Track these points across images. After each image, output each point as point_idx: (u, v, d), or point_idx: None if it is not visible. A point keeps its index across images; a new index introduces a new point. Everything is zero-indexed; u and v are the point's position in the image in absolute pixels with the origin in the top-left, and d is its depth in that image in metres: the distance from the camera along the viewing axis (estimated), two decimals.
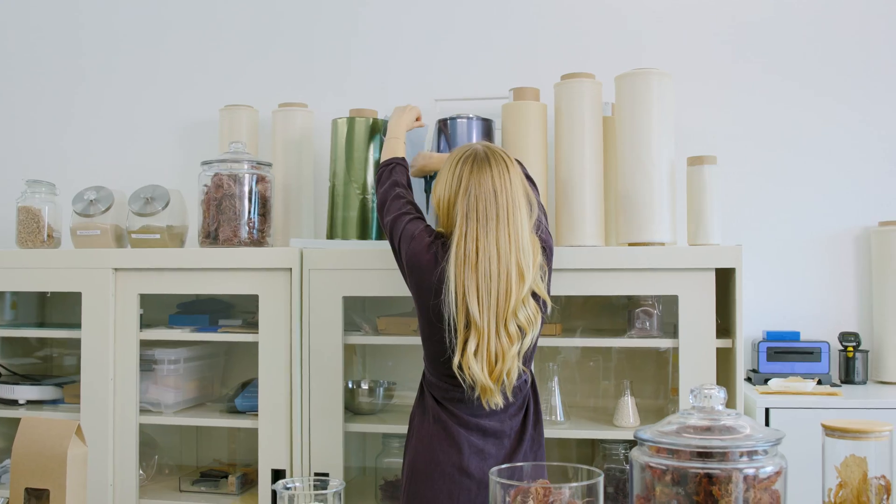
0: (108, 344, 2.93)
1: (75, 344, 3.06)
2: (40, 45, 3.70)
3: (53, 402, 3.17)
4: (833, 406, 2.67)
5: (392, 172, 2.49)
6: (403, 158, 2.57)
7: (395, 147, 2.62)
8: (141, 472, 3.01)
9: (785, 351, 3.00)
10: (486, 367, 2.06)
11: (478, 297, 2.04)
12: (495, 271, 2.05)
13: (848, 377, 3.05)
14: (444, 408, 2.20)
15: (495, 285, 2.05)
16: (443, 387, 2.20)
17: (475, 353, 2.05)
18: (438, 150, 3.01)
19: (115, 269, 2.94)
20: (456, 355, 2.08)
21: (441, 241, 2.20)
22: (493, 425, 2.19)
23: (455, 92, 3.23)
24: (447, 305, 2.08)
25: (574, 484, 1.46)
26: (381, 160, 2.61)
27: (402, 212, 2.33)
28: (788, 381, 2.86)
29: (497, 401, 2.11)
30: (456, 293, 2.06)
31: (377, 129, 2.99)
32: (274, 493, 2.73)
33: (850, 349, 3.05)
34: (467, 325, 2.07)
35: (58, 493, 1.85)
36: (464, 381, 2.09)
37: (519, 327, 2.09)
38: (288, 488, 1.63)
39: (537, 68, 3.23)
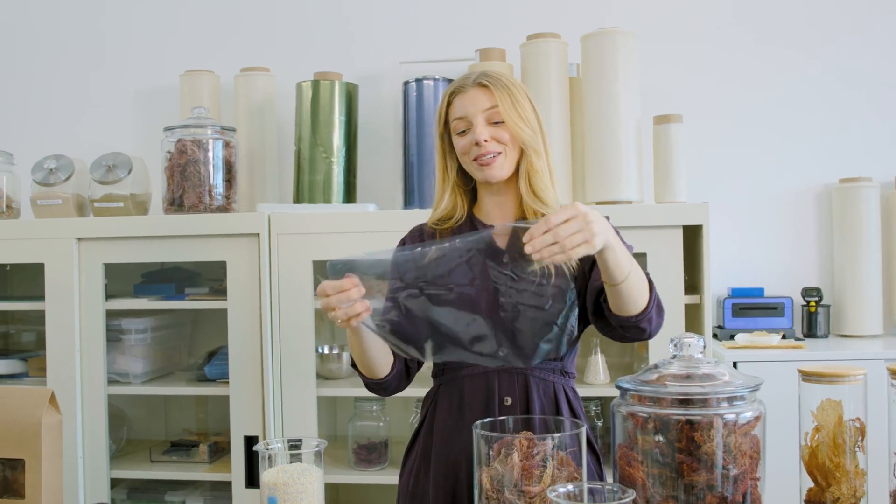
0: (72, 315, 2.88)
1: (35, 319, 3.01)
2: None
3: (17, 377, 3.12)
4: (798, 359, 2.71)
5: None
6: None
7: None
8: (111, 443, 2.98)
9: (750, 307, 3.05)
10: None
11: None
12: None
13: (810, 331, 3.11)
14: None
15: None
16: None
17: None
18: (405, 117, 2.98)
19: (79, 239, 2.89)
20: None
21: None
22: None
23: (420, 54, 3.21)
24: None
25: (557, 434, 1.47)
26: None
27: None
28: (754, 335, 2.91)
29: None
30: None
31: (342, 92, 2.97)
32: (248, 457, 2.74)
33: (813, 304, 3.11)
34: None
35: (33, 462, 1.82)
36: None
37: None
38: (268, 449, 1.62)
39: (503, 28, 3.22)
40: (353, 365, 1.92)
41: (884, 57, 3.19)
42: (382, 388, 1.91)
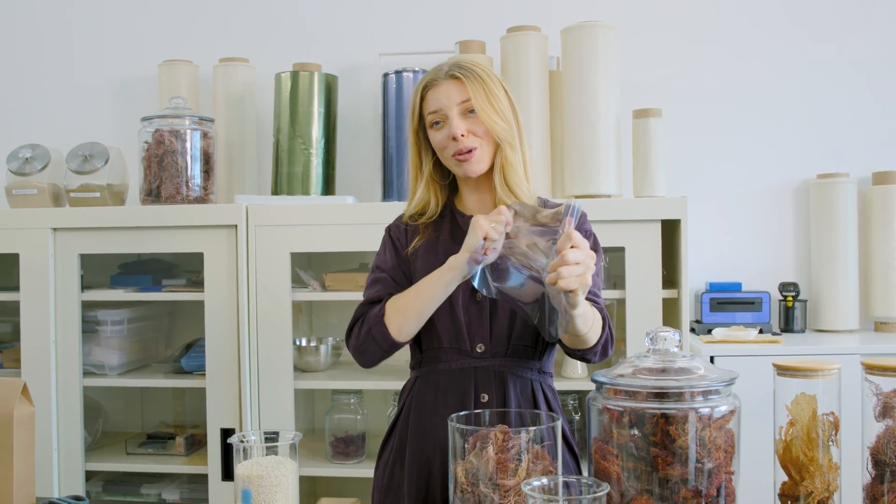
0: (48, 306, 2.85)
1: (10, 310, 2.97)
2: None
3: None
4: (775, 353, 2.72)
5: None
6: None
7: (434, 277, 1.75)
8: (86, 435, 2.96)
9: (727, 301, 3.06)
10: None
11: None
12: None
13: (787, 326, 3.12)
14: None
15: None
16: None
17: None
18: (384, 109, 2.97)
19: (54, 230, 2.86)
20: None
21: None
22: None
23: (400, 46, 3.20)
24: None
25: (532, 428, 1.46)
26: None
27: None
28: (731, 330, 2.92)
29: None
30: None
31: (322, 84, 2.95)
32: (225, 450, 2.73)
33: (790, 299, 3.12)
34: None
35: (4, 454, 1.80)
36: None
37: None
38: (243, 441, 1.61)
39: (483, 21, 3.21)
40: (380, 320, 1.77)
41: (863, 54, 3.21)
42: (394, 349, 1.79)
